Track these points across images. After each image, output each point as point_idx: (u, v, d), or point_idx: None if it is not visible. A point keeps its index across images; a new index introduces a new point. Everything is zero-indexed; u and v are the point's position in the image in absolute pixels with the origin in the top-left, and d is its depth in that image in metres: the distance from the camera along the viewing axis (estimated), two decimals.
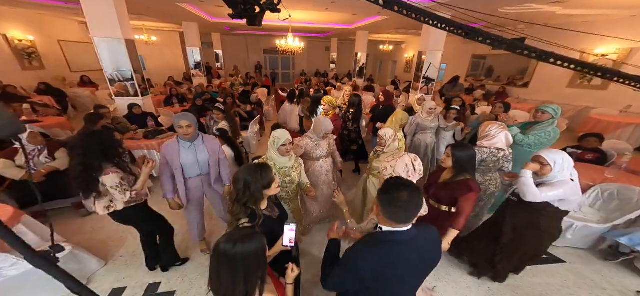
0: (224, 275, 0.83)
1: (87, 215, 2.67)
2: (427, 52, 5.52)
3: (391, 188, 0.89)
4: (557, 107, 2.29)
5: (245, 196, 1.15)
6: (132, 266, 2.11)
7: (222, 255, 0.83)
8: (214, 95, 6.24)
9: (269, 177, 1.21)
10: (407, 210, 0.86)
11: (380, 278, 0.87)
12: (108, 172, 1.45)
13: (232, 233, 0.88)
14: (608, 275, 2.08)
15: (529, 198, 1.49)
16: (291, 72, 14.95)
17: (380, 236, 0.91)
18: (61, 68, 7.38)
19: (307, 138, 2.21)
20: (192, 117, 1.72)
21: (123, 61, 3.77)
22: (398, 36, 10.95)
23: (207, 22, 7.70)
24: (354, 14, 6.37)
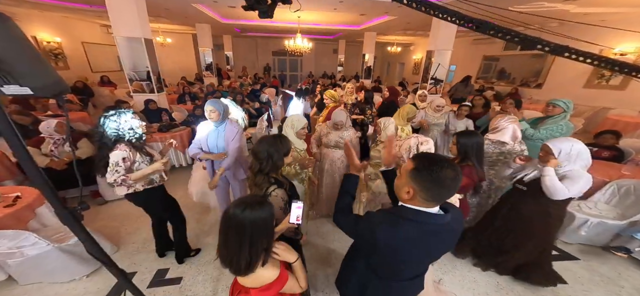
0: (231, 240, 0.84)
1: (103, 204, 2.81)
2: (435, 52, 5.48)
3: (432, 165, 0.76)
4: (569, 100, 2.26)
5: (268, 165, 1.20)
6: (143, 252, 2.19)
7: (231, 218, 0.84)
8: (224, 94, 6.45)
9: (288, 144, 1.30)
10: (452, 190, 0.78)
11: (400, 254, 0.85)
12: (117, 148, 1.51)
13: (243, 199, 0.90)
14: (625, 273, 1.99)
15: (559, 196, 1.45)
16: (299, 74, 15.12)
17: (408, 213, 0.82)
18: (84, 68, 7.80)
19: (324, 127, 2.37)
20: (217, 102, 1.90)
21: (141, 60, 3.98)
22: (406, 38, 10.90)
23: (219, 24, 7.94)
24: (362, 14, 6.41)
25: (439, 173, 0.75)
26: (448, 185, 0.76)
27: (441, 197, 0.80)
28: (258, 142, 1.25)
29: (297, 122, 1.84)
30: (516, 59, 8.02)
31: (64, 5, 5.76)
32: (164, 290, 1.85)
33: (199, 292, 1.84)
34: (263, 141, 1.24)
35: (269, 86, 8.76)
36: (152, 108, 3.93)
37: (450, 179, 0.75)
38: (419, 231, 0.81)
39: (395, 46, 11.12)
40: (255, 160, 1.21)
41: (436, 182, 0.76)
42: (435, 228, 0.82)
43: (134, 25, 3.70)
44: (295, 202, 1.10)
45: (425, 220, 0.81)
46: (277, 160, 1.22)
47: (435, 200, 0.80)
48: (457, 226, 0.90)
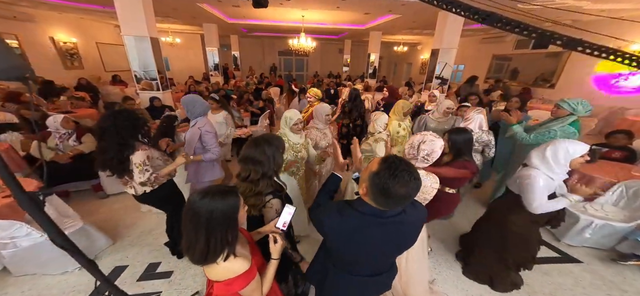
0: (188, 228, 0.79)
1: (104, 198, 2.89)
2: (440, 51, 5.35)
3: (390, 175, 0.73)
4: (579, 100, 1.96)
5: (271, 168, 1.12)
6: (137, 246, 2.23)
7: (189, 205, 0.79)
8: (229, 92, 6.54)
9: (282, 140, 1.25)
10: (399, 204, 0.78)
11: (345, 243, 0.86)
12: (138, 148, 1.49)
13: (209, 187, 0.83)
14: (630, 277, 1.89)
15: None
16: (304, 74, 15.16)
17: (358, 205, 0.83)
18: (97, 68, 8.11)
19: (314, 130, 2.26)
20: (187, 99, 1.93)
21: (148, 59, 4.09)
22: (413, 37, 10.72)
23: (226, 24, 8.08)
24: (366, 13, 6.36)
25: (390, 187, 0.73)
26: (396, 200, 0.76)
27: (387, 206, 0.79)
28: (250, 146, 1.12)
29: (290, 118, 1.83)
30: (528, 58, 7.73)
31: (80, 7, 6.02)
32: (152, 284, 1.87)
33: (188, 285, 1.86)
34: (258, 142, 1.12)
35: (274, 85, 8.83)
36: (156, 105, 4.05)
37: (400, 196, 0.74)
38: (362, 222, 0.82)
39: (402, 46, 10.95)
40: (256, 166, 1.09)
41: (384, 193, 0.75)
42: (379, 221, 0.81)
43: (140, 23, 3.81)
44: (289, 206, 1.04)
45: (367, 211, 0.81)
46: (278, 158, 1.15)
47: (382, 206, 0.79)
48: (415, 217, 0.89)
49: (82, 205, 2.71)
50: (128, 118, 1.47)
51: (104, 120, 1.44)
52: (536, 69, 7.43)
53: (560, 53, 6.79)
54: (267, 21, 8.22)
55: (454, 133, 1.66)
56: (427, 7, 5.12)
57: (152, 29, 4.00)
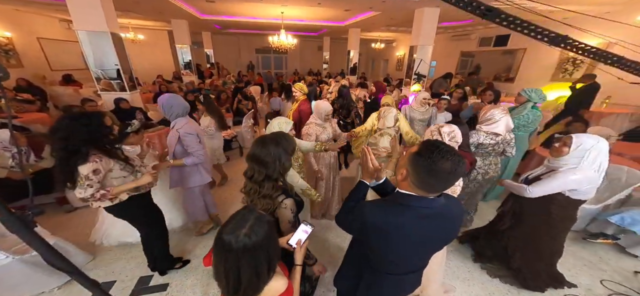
0: (229, 269, 0.73)
1: (71, 211, 2.54)
2: (417, 47, 5.62)
3: (433, 152, 0.72)
4: (533, 89, 2.41)
5: (276, 170, 1.04)
6: (122, 260, 2.01)
7: (225, 247, 0.72)
8: (207, 92, 6.16)
9: (293, 142, 1.16)
10: (447, 183, 0.74)
11: (390, 241, 0.81)
12: (90, 158, 1.27)
13: (238, 221, 0.75)
14: (605, 257, 2.12)
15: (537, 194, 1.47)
16: (284, 72, 14.89)
17: (401, 198, 0.80)
18: (41, 66, 7.02)
19: (314, 125, 2.21)
20: (164, 99, 1.75)
21: (109, 57, 3.64)
22: (389, 34, 11.12)
23: (197, 20, 7.56)
24: (346, 10, 6.42)
25: (436, 164, 0.71)
26: (443, 177, 0.72)
27: (433, 188, 0.76)
28: (258, 144, 1.06)
29: (285, 124, 1.67)
30: (489, 55, 8.49)
31: None
32: None
33: None
34: (265, 141, 1.06)
35: (253, 84, 8.53)
36: (124, 107, 3.63)
37: (447, 172, 0.71)
38: (410, 216, 0.78)
39: (379, 43, 11.30)
40: (260, 166, 1.03)
41: (430, 172, 0.72)
42: (427, 213, 0.78)
43: (99, 18, 3.39)
44: (305, 223, 1.01)
45: (415, 203, 0.78)
46: (286, 161, 1.07)
47: (425, 189, 0.76)
48: (456, 210, 0.86)
49: (48, 221, 2.38)
50: (88, 123, 1.25)
51: (58, 122, 1.23)
52: (496, 65, 8.19)
53: (516, 50, 7.58)
54: (245, 17, 7.87)
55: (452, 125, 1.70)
56: (405, 5, 5.33)
57: (112, 24, 3.59)
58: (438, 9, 5.22)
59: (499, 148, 2.00)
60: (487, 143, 1.98)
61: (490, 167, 2.05)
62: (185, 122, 1.79)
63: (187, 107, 1.80)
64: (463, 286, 1.86)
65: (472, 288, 1.84)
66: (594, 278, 1.93)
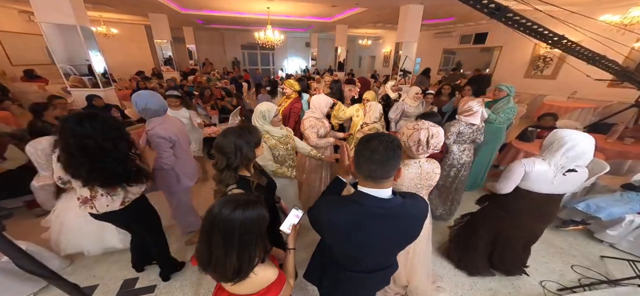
0: (216, 244, 0.74)
1: (43, 215, 2.35)
2: (403, 44, 5.75)
3: (367, 140, 0.78)
4: (511, 85, 2.59)
5: (237, 160, 1.07)
6: (104, 263, 1.91)
7: (215, 220, 0.74)
8: (191, 89, 5.94)
9: (258, 134, 1.17)
10: (385, 165, 0.75)
11: (345, 239, 0.83)
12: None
13: (231, 197, 0.79)
14: (574, 243, 2.25)
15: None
16: (271, 68, 14.65)
17: (358, 196, 0.81)
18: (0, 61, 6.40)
19: (313, 119, 2.18)
20: (134, 96, 1.62)
21: (79, 52, 3.41)
22: (376, 31, 11.26)
23: (178, 14, 7.22)
24: (333, 6, 6.41)
25: (367, 146, 0.76)
26: (377, 159, 0.74)
27: (374, 174, 0.77)
28: (222, 135, 1.10)
29: (268, 111, 1.63)
30: (469, 52, 8.87)
31: None
32: None
33: None
34: (229, 133, 1.09)
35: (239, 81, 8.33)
36: (97, 104, 3.39)
37: (379, 153, 0.74)
38: (362, 214, 0.79)
39: (366, 39, 11.41)
40: (221, 155, 1.06)
41: (365, 156, 0.76)
42: (380, 212, 0.79)
43: (66, 10, 3.14)
44: (296, 208, 1.04)
45: (367, 202, 0.78)
46: (247, 151, 1.09)
47: (368, 176, 0.78)
48: (417, 209, 0.87)
49: (17, 226, 2.20)
50: (112, 126, 1.21)
51: (82, 137, 1.12)
52: (476, 62, 8.59)
53: (492, 48, 7.99)
54: (229, 12, 7.63)
55: (425, 116, 1.74)
56: (390, 2, 5.43)
57: (81, 16, 3.35)
58: (422, 6, 5.36)
59: (473, 136, 2.18)
60: (466, 132, 2.14)
61: (464, 153, 2.22)
62: (160, 123, 1.64)
63: (163, 105, 1.68)
64: (449, 275, 1.93)
65: (458, 278, 1.90)
66: (566, 263, 2.02)
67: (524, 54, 7.03)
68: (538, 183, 1.35)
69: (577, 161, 1.26)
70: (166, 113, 1.73)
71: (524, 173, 1.36)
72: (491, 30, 7.96)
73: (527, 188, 1.40)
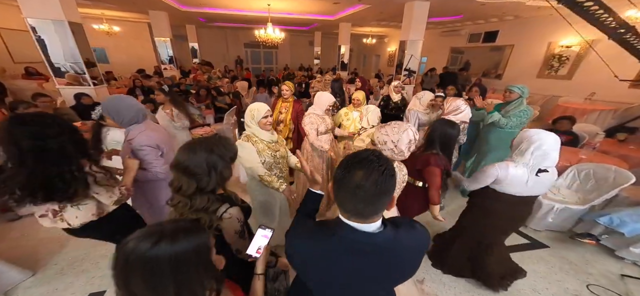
0: (140, 290, 0.54)
1: (16, 219, 2.25)
2: (407, 42, 5.49)
3: (346, 165, 0.61)
4: (524, 86, 2.33)
5: (211, 181, 0.87)
6: (69, 274, 1.77)
7: (133, 260, 0.54)
8: (188, 88, 5.85)
9: (232, 146, 0.97)
10: (368, 202, 0.59)
11: (318, 274, 0.68)
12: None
13: (152, 227, 0.59)
14: (591, 260, 2.06)
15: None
16: (274, 67, 14.52)
17: (337, 225, 0.66)
18: (2, 59, 6.45)
19: (313, 115, 2.09)
20: (104, 103, 1.42)
21: (70, 49, 3.31)
22: (380, 29, 10.98)
23: (178, 12, 7.14)
24: (336, 3, 6.19)
25: (349, 178, 0.59)
26: (361, 196, 0.58)
27: (359, 211, 0.61)
28: (184, 150, 0.87)
29: (257, 111, 1.50)
30: (479, 51, 8.49)
31: None
32: None
33: None
34: (194, 148, 0.87)
35: (240, 79, 8.21)
36: (85, 103, 3.29)
37: (364, 189, 0.57)
38: (343, 249, 0.64)
39: (371, 38, 11.14)
40: (188, 178, 0.85)
41: (348, 191, 0.60)
42: (366, 248, 0.63)
43: (53, 6, 3.04)
44: (263, 227, 0.88)
45: (350, 235, 0.63)
46: (223, 169, 0.89)
47: (350, 212, 0.62)
48: (413, 243, 0.70)
49: None
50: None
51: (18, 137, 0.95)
52: (485, 61, 8.22)
53: (504, 46, 7.60)
54: (229, 10, 7.50)
55: (438, 122, 1.59)
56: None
57: (71, 12, 3.25)
58: (428, 2, 5.09)
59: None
60: None
61: None
62: (142, 131, 1.44)
63: (140, 110, 1.46)
64: (433, 275, 1.88)
65: (441, 277, 1.86)
66: (581, 282, 1.86)
67: (538, 52, 6.65)
68: (513, 187, 1.36)
69: (546, 160, 1.25)
70: (147, 119, 1.53)
71: (496, 176, 1.35)
72: (502, 28, 7.58)
73: (503, 191, 1.40)
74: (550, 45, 6.33)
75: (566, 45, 6.00)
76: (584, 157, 2.44)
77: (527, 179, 1.29)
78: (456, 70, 9.04)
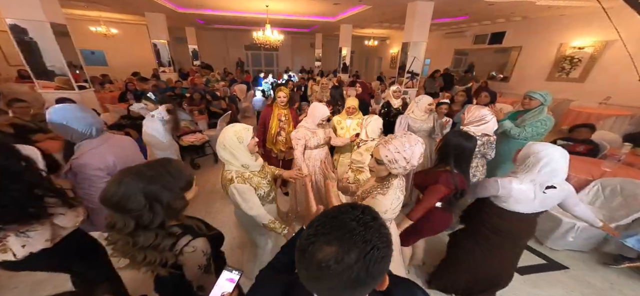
0: None
1: None
2: (410, 44, 5.26)
3: (322, 225, 0.43)
4: (546, 92, 2.08)
5: (157, 215, 0.71)
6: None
7: None
8: (184, 91, 5.69)
9: (186, 172, 0.80)
10: (332, 292, 0.42)
11: None
12: None
13: None
14: (617, 282, 1.83)
15: None
16: (275, 69, 14.39)
17: None
18: None
19: (303, 128, 1.96)
20: (49, 117, 1.20)
21: (52, 51, 3.19)
22: (382, 31, 10.76)
23: (176, 14, 7.02)
24: (336, 4, 6.00)
25: (309, 245, 0.41)
26: (321, 277, 0.40)
27: (313, 289, 0.45)
28: (111, 182, 0.70)
29: (245, 132, 1.20)
30: (484, 53, 8.22)
31: None
32: None
33: None
34: (121, 179, 0.69)
35: (239, 82, 8.06)
36: None
37: (319, 264, 0.39)
38: None
39: (373, 40, 10.93)
40: (122, 214, 0.69)
41: (303, 262, 0.42)
42: None
43: (33, 5, 2.93)
44: (229, 269, 0.73)
45: None
46: (173, 201, 0.74)
47: (314, 291, 0.46)
48: None
49: None
50: None
51: None
52: (491, 63, 7.93)
53: (511, 48, 7.32)
54: (226, 11, 7.37)
55: (451, 133, 1.41)
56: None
57: (52, 12, 3.12)
58: (432, 3, 4.86)
59: (484, 149, 1.82)
60: (479, 145, 1.80)
61: (477, 170, 1.91)
62: (91, 148, 1.22)
63: (94, 124, 1.23)
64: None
65: None
66: None
67: (548, 54, 6.36)
68: (518, 203, 1.25)
69: (555, 176, 1.17)
70: (103, 134, 1.31)
71: (497, 190, 1.25)
72: (509, 29, 7.31)
73: (508, 209, 1.28)
74: (561, 47, 6.05)
75: (578, 47, 5.71)
76: (608, 171, 2.17)
77: (534, 196, 1.20)
78: (461, 72, 8.77)
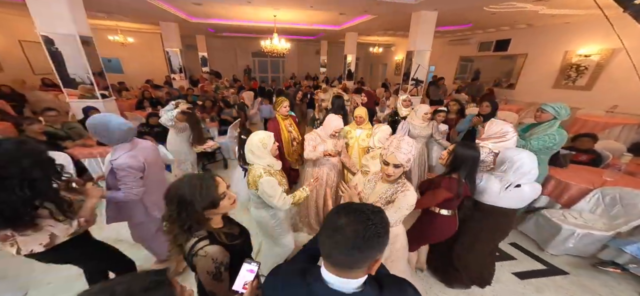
0: None
1: None
2: (415, 52, 5.38)
3: (340, 212, 0.60)
4: (561, 105, 1.96)
5: (181, 219, 0.87)
6: (64, 293, 1.73)
7: None
8: (195, 99, 5.92)
9: (212, 194, 0.91)
10: (340, 250, 0.57)
11: None
12: None
13: (105, 287, 0.53)
14: (616, 288, 1.87)
15: None
16: (281, 76, 14.68)
17: (311, 277, 0.63)
18: (22, 70, 6.77)
19: (314, 133, 2.11)
20: (89, 123, 1.42)
21: (80, 62, 3.42)
22: (387, 38, 10.92)
23: (188, 23, 7.35)
24: (341, 14, 6.20)
25: (332, 220, 0.59)
26: (338, 241, 0.57)
27: (330, 254, 0.60)
28: (176, 182, 0.91)
29: (268, 138, 1.41)
30: (489, 60, 8.25)
31: None
32: None
33: None
34: (180, 182, 0.89)
35: (247, 89, 8.30)
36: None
37: (342, 233, 0.56)
38: (301, 293, 0.63)
39: (377, 47, 11.08)
40: (167, 207, 0.89)
41: (326, 225, 0.61)
42: None
43: (64, 18, 3.17)
44: (248, 262, 0.87)
45: (320, 291, 0.61)
46: (193, 213, 0.87)
47: (326, 257, 0.61)
48: None
49: None
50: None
51: None
52: (496, 70, 7.95)
53: (516, 55, 7.35)
54: (236, 21, 7.67)
55: (461, 145, 1.47)
56: (401, 8, 5.12)
57: (81, 25, 3.38)
58: (435, 12, 4.99)
59: (491, 166, 1.81)
60: (488, 160, 1.77)
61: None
62: (126, 151, 1.43)
63: (129, 131, 1.44)
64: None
65: None
66: None
67: (553, 61, 6.37)
68: (487, 195, 1.52)
69: (525, 177, 1.43)
70: (133, 139, 1.53)
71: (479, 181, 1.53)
72: (514, 36, 7.35)
73: (481, 201, 1.56)
74: (567, 54, 6.06)
75: (585, 54, 5.71)
76: (610, 180, 2.22)
77: (498, 191, 1.47)
78: (468, 79, 8.82)
